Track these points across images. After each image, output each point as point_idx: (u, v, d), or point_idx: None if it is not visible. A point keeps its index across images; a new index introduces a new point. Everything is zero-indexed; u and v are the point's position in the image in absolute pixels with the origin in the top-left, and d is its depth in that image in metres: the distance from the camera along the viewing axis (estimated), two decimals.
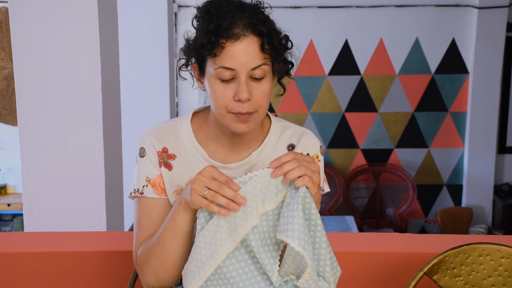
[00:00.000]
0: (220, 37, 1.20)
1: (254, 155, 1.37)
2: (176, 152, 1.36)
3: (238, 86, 1.22)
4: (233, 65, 1.21)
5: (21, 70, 2.22)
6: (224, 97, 1.24)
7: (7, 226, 4.84)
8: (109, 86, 2.32)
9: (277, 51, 1.25)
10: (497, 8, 4.89)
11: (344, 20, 5.02)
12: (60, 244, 2.03)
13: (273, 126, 1.40)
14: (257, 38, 1.21)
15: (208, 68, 1.25)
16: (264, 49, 1.22)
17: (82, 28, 2.19)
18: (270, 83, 1.27)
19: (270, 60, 1.24)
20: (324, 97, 5.14)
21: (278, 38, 1.25)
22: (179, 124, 1.38)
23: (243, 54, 1.20)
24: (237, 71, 1.21)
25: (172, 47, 4.42)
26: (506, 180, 5.32)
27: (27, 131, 2.25)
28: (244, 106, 1.23)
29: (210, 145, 1.37)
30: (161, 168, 1.35)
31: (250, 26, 1.21)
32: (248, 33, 1.21)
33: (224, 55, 1.21)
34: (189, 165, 1.35)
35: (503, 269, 1.56)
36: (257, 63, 1.22)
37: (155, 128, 1.38)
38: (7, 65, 4.85)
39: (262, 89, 1.24)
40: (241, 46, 1.20)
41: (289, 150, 1.38)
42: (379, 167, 5.22)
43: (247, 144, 1.37)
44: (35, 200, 2.28)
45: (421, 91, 5.13)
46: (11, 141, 4.90)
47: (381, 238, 2.16)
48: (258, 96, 1.24)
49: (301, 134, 1.40)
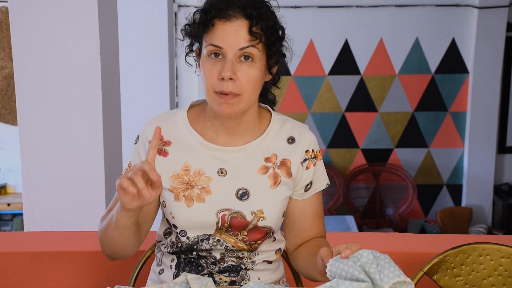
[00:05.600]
0: (211, 16, 1.26)
1: (255, 144, 1.39)
2: (171, 139, 1.39)
3: (224, 65, 1.26)
4: (221, 43, 1.26)
5: (21, 70, 2.22)
6: (210, 75, 1.28)
7: (7, 226, 4.84)
8: (109, 86, 2.32)
9: (267, 37, 1.29)
10: (497, 8, 4.89)
11: (344, 20, 5.02)
12: (60, 244, 2.03)
13: (274, 118, 1.44)
14: (247, 21, 1.27)
15: (203, 49, 1.31)
16: (252, 32, 1.26)
17: (82, 28, 2.19)
18: (259, 70, 1.30)
19: (260, 44, 1.28)
20: (324, 97, 5.14)
21: (268, 23, 1.28)
22: (176, 113, 1.43)
23: (232, 34, 1.26)
24: (225, 49, 1.26)
25: (172, 47, 4.42)
26: (506, 180, 5.32)
27: (27, 131, 2.25)
28: (228, 85, 1.27)
29: (207, 133, 1.40)
30: None
31: (243, 9, 1.26)
32: (239, 16, 1.26)
33: (214, 33, 1.27)
34: (184, 150, 1.38)
35: (503, 269, 1.56)
36: (245, 44, 1.26)
37: (153, 117, 1.45)
38: (7, 65, 4.85)
39: (249, 73, 1.28)
40: (231, 27, 1.26)
41: (289, 142, 1.42)
42: (379, 167, 5.22)
43: (242, 134, 1.39)
44: (35, 200, 2.28)
45: (421, 91, 5.13)
46: (11, 141, 4.90)
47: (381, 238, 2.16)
48: (243, 78, 1.27)
49: (302, 129, 1.44)
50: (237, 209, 1.36)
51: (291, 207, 1.45)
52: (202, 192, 1.36)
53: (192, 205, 1.36)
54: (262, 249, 1.43)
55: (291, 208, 1.45)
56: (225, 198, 1.36)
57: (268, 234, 1.41)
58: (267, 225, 1.39)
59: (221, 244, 1.39)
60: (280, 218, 1.41)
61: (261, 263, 1.44)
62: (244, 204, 1.37)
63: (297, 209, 1.45)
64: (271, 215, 1.38)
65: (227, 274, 1.41)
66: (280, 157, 1.40)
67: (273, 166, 1.40)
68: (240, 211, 1.37)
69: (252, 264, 1.42)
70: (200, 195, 1.36)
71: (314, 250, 1.37)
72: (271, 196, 1.38)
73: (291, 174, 1.40)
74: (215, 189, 1.37)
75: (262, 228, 1.39)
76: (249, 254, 1.42)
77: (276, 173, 1.39)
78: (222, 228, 1.37)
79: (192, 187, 1.36)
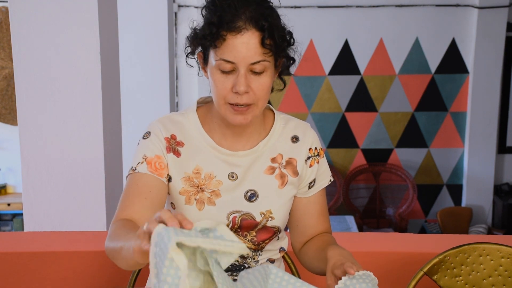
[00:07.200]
0: (222, 29, 1.21)
1: (261, 145, 1.39)
2: (183, 140, 1.37)
3: (237, 79, 1.24)
4: (233, 58, 1.23)
5: (21, 70, 2.22)
6: (223, 88, 1.26)
7: (7, 226, 4.84)
8: (109, 86, 2.32)
9: (278, 47, 1.26)
10: (497, 8, 4.89)
11: (344, 20, 5.02)
12: (60, 244, 2.02)
13: (277, 118, 1.44)
14: (258, 33, 1.22)
15: (211, 59, 1.27)
16: (265, 44, 1.23)
17: (82, 28, 2.19)
18: (270, 78, 1.29)
19: (271, 55, 1.25)
20: (324, 97, 5.14)
21: (279, 33, 1.25)
22: (185, 115, 1.40)
23: (243, 48, 1.22)
24: (237, 64, 1.23)
25: (172, 47, 4.42)
26: (506, 180, 5.32)
27: (27, 131, 2.25)
28: (243, 98, 1.25)
29: (215, 135, 1.39)
30: (169, 155, 1.35)
31: (252, 20, 1.22)
32: (250, 27, 1.22)
33: (225, 47, 1.22)
34: (196, 153, 1.37)
35: (503, 269, 1.56)
36: (257, 59, 1.23)
37: (163, 117, 1.40)
38: (7, 65, 4.85)
39: (262, 83, 1.26)
40: (242, 40, 1.22)
41: (293, 141, 1.42)
42: (379, 167, 5.22)
43: (249, 135, 1.39)
44: (35, 200, 2.28)
45: (421, 91, 5.13)
46: (11, 141, 4.90)
47: (381, 238, 2.16)
48: (257, 89, 1.26)
49: (304, 127, 1.44)
50: (246, 211, 1.37)
51: (295, 205, 1.46)
52: (212, 195, 1.36)
53: (203, 209, 1.35)
54: (266, 248, 1.44)
55: (295, 206, 1.46)
56: (234, 200, 1.36)
57: (275, 234, 1.42)
58: (276, 224, 1.40)
59: None
60: (286, 217, 1.43)
61: (264, 262, 1.44)
62: (253, 206, 1.37)
63: (301, 206, 1.46)
64: (279, 215, 1.39)
65: (230, 274, 1.41)
66: (285, 156, 1.41)
67: (279, 166, 1.40)
68: (250, 212, 1.37)
69: (255, 263, 1.43)
70: (210, 198, 1.36)
71: (322, 246, 1.37)
72: (278, 196, 1.39)
73: (297, 172, 1.41)
74: (225, 192, 1.36)
75: (270, 228, 1.40)
76: (254, 254, 1.43)
77: (283, 173, 1.40)
78: (232, 230, 1.37)
79: (202, 190, 1.36)
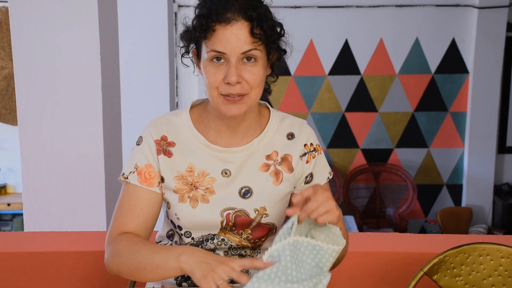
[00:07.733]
0: (211, 21, 1.24)
1: (256, 142, 1.40)
2: (175, 140, 1.39)
3: (228, 70, 1.26)
4: (224, 48, 1.25)
5: (21, 70, 2.22)
6: (215, 79, 1.28)
7: (7, 226, 4.84)
8: (109, 86, 2.32)
9: (268, 37, 1.28)
10: (497, 8, 4.89)
11: (344, 20, 5.02)
12: (60, 244, 2.03)
13: (273, 115, 1.44)
14: (247, 23, 1.25)
15: (203, 53, 1.29)
16: (254, 33, 1.25)
17: (82, 28, 2.19)
18: (263, 68, 1.30)
19: (261, 44, 1.27)
20: (324, 97, 5.14)
21: (268, 23, 1.27)
22: (178, 114, 1.42)
23: (233, 38, 1.24)
24: (228, 54, 1.25)
25: (172, 47, 4.42)
26: (506, 180, 5.32)
27: (27, 131, 2.25)
28: (236, 88, 1.27)
29: (210, 134, 1.40)
30: (160, 156, 1.37)
31: (241, 11, 1.24)
32: (239, 18, 1.24)
33: (215, 38, 1.25)
34: (188, 152, 1.38)
35: (503, 269, 1.56)
36: (247, 48, 1.25)
37: (157, 117, 1.43)
38: (7, 65, 4.85)
39: (253, 72, 1.28)
40: (232, 30, 1.24)
41: (289, 138, 1.43)
42: (379, 167, 5.22)
43: (245, 132, 1.40)
44: (35, 200, 2.28)
45: (421, 91, 5.13)
46: (11, 141, 4.90)
47: (381, 238, 2.16)
48: (249, 79, 1.27)
49: (300, 124, 1.45)
50: (240, 207, 1.37)
51: None
52: (206, 192, 1.37)
53: (197, 206, 1.36)
54: (265, 246, 1.44)
55: None
56: (228, 197, 1.37)
57: (271, 231, 1.43)
58: (270, 221, 1.40)
59: (225, 244, 1.40)
60: (282, 214, 1.43)
61: None
62: (247, 202, 1.38)
63: None
64: (274, 211, 1.39)
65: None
66: (280, 153, 1.42)
67: (274, 163, 1.41)
68: (244, 209, 1.37)
69: None
70: (204, 195, 1.37)
71: None
72: (273, 193, 1.40)
73: (292, 168, 1.42)
74: (219, 189, 1.37)
75: (265, 225, 1.40)
76: (252, 252, 1.43)
77: (278, 169, 1.41)
78: (227, 228, 1.38)
79: (196, 188, 1.37)
